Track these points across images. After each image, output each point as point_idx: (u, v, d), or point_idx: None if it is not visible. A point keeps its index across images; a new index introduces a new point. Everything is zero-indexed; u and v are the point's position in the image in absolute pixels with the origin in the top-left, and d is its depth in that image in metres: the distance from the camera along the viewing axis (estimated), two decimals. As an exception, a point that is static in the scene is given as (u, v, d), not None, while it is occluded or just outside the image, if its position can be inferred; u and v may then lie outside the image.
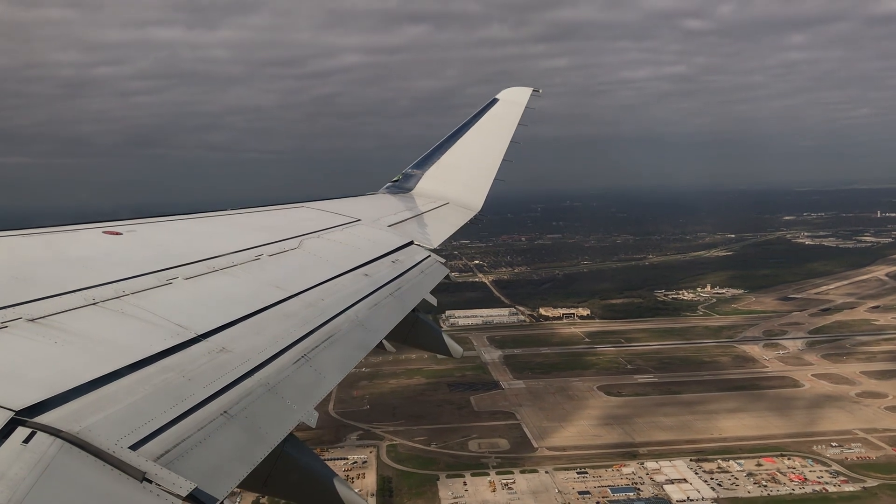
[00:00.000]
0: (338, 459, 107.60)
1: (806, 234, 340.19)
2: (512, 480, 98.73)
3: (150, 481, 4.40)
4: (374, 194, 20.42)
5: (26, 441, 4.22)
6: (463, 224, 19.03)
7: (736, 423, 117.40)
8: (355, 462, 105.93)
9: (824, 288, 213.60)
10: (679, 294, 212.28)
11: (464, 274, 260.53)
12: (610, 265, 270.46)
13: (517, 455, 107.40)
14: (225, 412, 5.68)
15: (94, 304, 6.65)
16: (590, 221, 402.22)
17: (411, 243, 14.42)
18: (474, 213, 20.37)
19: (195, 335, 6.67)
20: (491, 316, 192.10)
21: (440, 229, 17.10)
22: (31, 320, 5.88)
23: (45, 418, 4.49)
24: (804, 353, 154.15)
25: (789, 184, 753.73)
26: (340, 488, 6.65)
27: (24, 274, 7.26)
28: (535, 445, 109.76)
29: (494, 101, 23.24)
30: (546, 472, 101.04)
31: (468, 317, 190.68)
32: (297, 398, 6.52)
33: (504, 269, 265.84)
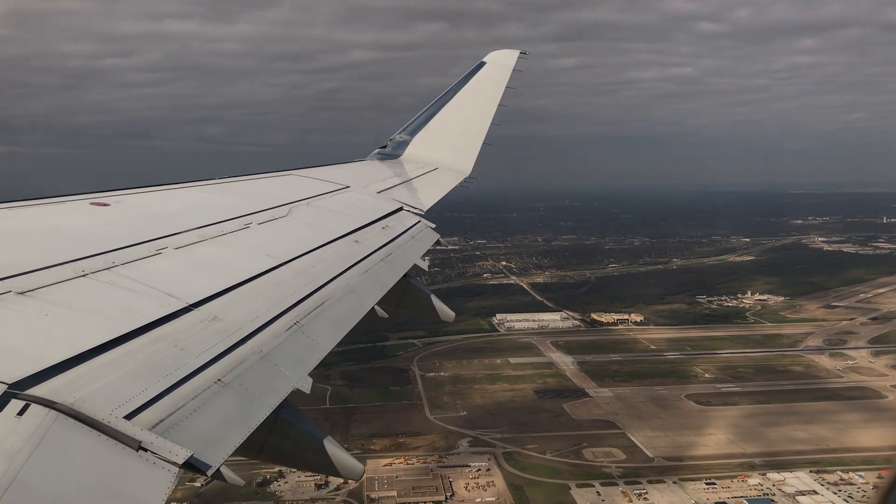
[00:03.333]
0: (460, 466, 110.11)
1: (820, 239, 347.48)
2: (644, 491, 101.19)
3: (146, 450, 4.55)
4: (363, 161, 20.65)
5: (21, 413, 4.34)
6: (452, 188, 19.23)
7: (837, 434, 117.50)
8: (479, 469, 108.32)
9: (863, 296, 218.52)
10: (722, 300, 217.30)
11: (496, 276, 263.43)
12: (638, 269, 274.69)
13: (637, 465, 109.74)
14: (219, 380, 5.84)
15: (83, 275, 6.75)
16: (599, 222, 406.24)
17: (401, 209, 14.68)
18: (464, 177, 20.53)
19: (186, 304, 6.80)
20: (544, 320, 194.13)
21: (430, 194, 17.25)
22: (21, 293, 5.97)
23: (38, 390, 4.61)
24: (873, 363, 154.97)
25: (781, 185, 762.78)
26: (336, 452, 6.85)
27: (13, 247, 7.35)
28: (650, 455, 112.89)
29: (482, 64, 23.19)
30: (674, 483, 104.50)
31: (522, 321, 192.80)
32: (291, 365, 6.66)
33: (535, 272, 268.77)
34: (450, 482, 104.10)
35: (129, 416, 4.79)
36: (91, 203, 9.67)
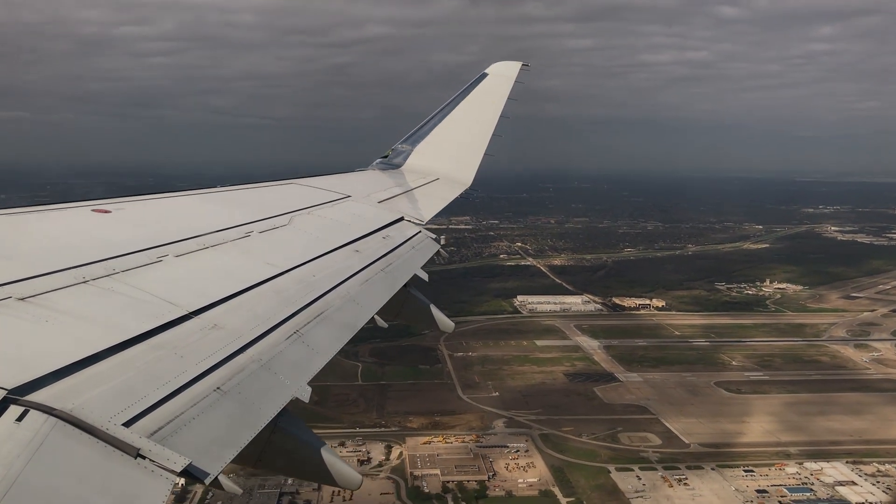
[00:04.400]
0: (498, 447, 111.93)
1: (834, 228, 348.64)
2: (684, 477, 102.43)
3: (145, 457, 4.56)
4: (364, 170, 20.67)
5: (19, 419, 4.35)
6: (453, 199, 19.19)
7: (871, 426, 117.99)
8: (517, 450, 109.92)
9: (882, 287, 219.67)
10: (742, 288, 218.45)
11: (513, 257, 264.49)
12: (654, 254, 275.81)
13: (674, 451, 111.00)
14: (218, 388, 5.84)
15: (84, 282, 6.75)
16: (610, 206, 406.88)
17: (402, 219, 14.68)
18: (465, 188, 20.50)
19: (186, 312, 6.79)
20: (566, 303, 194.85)
21: (430, 204, 17.23)
22: (21, 299, 5.98)
23: (37, 396, 4.62)
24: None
25: (788, 173, 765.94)
26: (335, 463, 6.80)
27: (13, 252, 7.36)
28: (686, 442, 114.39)
29: (484, 75, 23.26)
30: (712, 469, 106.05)
31: (544, 303, 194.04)
32: (290, 374, 6.69)
33: (551, 254, 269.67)
34: (490, 462, 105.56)
35: (127, 424, 4.81)
36: (92, 210, 9.75)
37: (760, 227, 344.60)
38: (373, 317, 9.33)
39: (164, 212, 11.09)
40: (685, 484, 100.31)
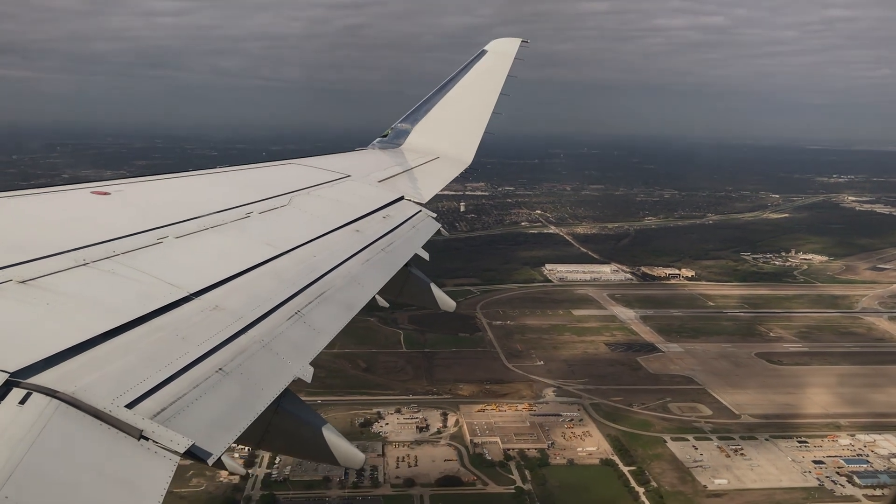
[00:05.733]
0: (550, 415, 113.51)
1: (851, 198, 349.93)
2: (740, 447, 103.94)
3: (148, 439, 4.60)
4: (364, 150, 20.67)
5: (23, 402, 4.39)
6: (453, 178, 19.11)
7: None
8: (571, 419, 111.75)
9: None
10: (768, 259, 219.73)
11: (534, 225, 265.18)
12: (675, 222, 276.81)
13: (725, 422, 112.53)
14: (220, 369, 5.85)
15: (84, 264, 6.77)
16: (623, 173, 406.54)
17: (402, 198, 14.61)
18: (465, 167, 20.46)
19: (188, 293, 6.79)
20: (595, 272, 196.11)
21: (431, 184, 17.17)
22: (22, 282, 6.00)
23: (40, 379, 4.65)
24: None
25: (799, 141, 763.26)
26: (337, 442, 6.79)
27: (13, 236, 7.36)
28: (736, 413, 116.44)
29: (483, 52, 23.03)
30: (766, 440, 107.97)
31: (573, 272, 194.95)
32: (292, 354, 6.68)
33: (572, 222, 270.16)
34: (546, 430, 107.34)
35: (130, 405, 4.85)
36: (92, 192, 9.72)
37: (777, 196, 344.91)
38: (374, 296, 9.32)
39: (163, 193, 11.14)
40: (742, 454, 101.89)
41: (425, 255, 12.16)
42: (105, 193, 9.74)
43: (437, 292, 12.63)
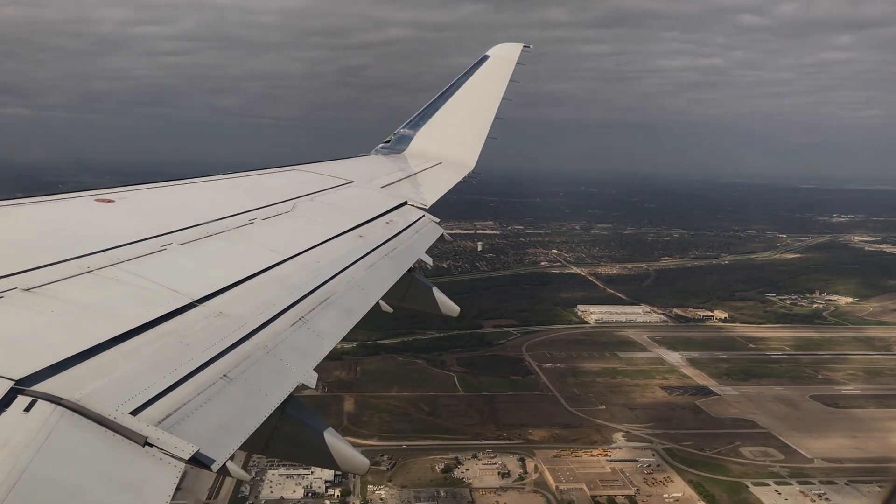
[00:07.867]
0: (627, 460, 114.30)
1: (858, 238, 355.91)
2: (822, 492, 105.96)
3: (153, 445, 4.63)
4: (367, 156, 20.78)
5: (27, 409, 4.42)
6: (456, 183, 19.20)
7: None
8: (649, 464, 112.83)
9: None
10: (794, 300, 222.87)
11: (553, 265, 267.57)
12: (692, 263, 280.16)
13: (800, 465, 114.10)
14: (224, 376, 5.88)
15: (88, 272, 6.80)
16: (627, 212, 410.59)
17: (405, 204, 14.72)
18: (468, 172, 20.60)
19: (191, 300, 6.83)
20: (629, 314, 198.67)
21: (434, 189, 17.22)
22: (27, 290, 6.04)
23: (44, 386, 4.68)
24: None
25: (789, 178, 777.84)
26: (342, 448, 6.81)
27: (18, 243, 7.43)
28: (808, 456, 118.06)
29: (485, 57, 23.18)
30: (846, 484, 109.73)
31: (607, 313, 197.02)
32: (296, 360, 6.72)
33: (590, 262, 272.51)
34: (627, 476, 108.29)
35: (135, 412, 4.87)
36: (95, 200, 9.88)
37: (786, 236, 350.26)
38: (378, 302, 9.38)
39: (167, 200, 11.24)
40: (826, 499, 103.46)
41: (429, 260, 12.31)
42: (109, 201, 9.87)
43: (441, 297, 12.62)
